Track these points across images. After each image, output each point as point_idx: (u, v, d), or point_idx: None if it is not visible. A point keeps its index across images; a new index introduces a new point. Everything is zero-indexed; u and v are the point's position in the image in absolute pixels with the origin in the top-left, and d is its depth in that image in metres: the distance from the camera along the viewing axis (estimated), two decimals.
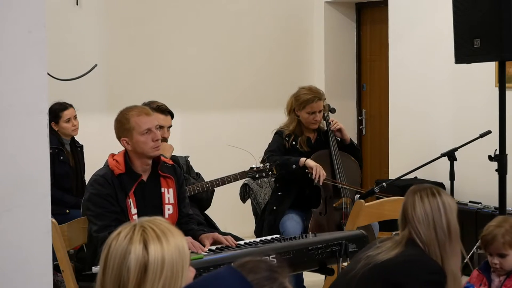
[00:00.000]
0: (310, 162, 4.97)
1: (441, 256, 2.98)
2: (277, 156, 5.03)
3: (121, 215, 3.83)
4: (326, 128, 5.26)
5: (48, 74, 2.71)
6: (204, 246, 3.88)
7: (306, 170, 4.96)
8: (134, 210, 3.89)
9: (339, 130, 5.23)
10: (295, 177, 5.03)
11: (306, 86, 5.30)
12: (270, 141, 5.26)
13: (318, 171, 4.93)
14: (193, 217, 4.21)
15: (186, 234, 3.85)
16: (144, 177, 3.98)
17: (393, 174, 6.86)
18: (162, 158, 4.09)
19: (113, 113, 4.12)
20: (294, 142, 5.16)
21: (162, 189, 4.01)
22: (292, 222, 5.03)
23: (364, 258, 3.06)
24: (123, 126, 3.92)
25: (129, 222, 2.10)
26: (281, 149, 5.13)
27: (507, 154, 4.71)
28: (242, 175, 4.80)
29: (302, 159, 4.99)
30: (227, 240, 3.93)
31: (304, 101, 5.11)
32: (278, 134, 5.22)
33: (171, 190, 4.03)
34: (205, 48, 7.47)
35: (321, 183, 4.97)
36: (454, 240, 3.01)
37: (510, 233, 3.36)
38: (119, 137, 3.96)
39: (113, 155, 4.00)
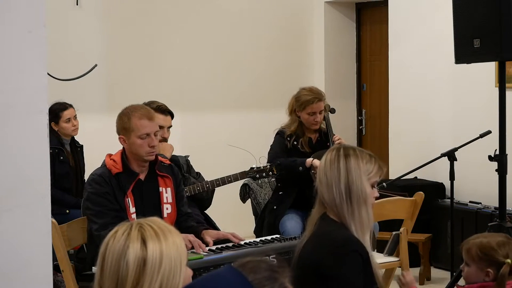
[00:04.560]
0: (317, 162, 4.98)
1: (341, 220, 2.89)
2: (281, 159, 5.03)
3: (121, 213, 3.83)
4: (326, 129, 5.26)
5: (48, 74, 2.71)
6: (206, 243, 3.89)
7: (312, 171, 4.96)
8: (132, 209, 3.89)
9: None
10: (298, 178, 5.03)
11: (307, 87, 5.31)
12: (271, 142, 5.26)
13: None
14: (192, 215, 4.21)
15: (186, 232, 3.86)
16: (142, 176, 3.98)
17: (393, 174, 6.86)
18: (160, 158, 4.10)
19: (113, 113, 4.12)
20: (295, 143, 5.17)
21: (160, 189, 4.01)
22: (292, 222, 5.03)
23: (296, 252, 2.99)
24: (123, 124, 3.93)
25: (126, 220, 2.11)
26: (284, 150, 5.13)
27: (507, 154, 4.71)
28: (242, 175, 4.80)
29: (308, 160, 4.98)
30: (235, 237, 3.94)
31: (305, 102, 5.12)
32: (279, 134, 5.22)
33: (169, 189, 4.03)
34: (205, 48, 7.47)
35: None
36: (355, 203, 2.88)
37: (479, 249, 3.05)
38: (118, 133, 3.97)
39: (110, 155, 4.01)
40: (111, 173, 3.91)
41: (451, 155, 5.20)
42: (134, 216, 3.86)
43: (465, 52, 4.78)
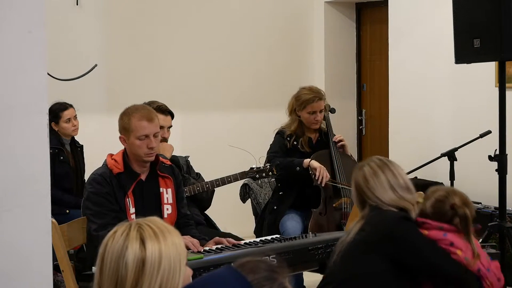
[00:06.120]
0: (314, 163, 4.99)
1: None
2: (280, 158, 5.04)
3: (121, 214, 3.83)
4: (327, 129, 5.27)
5: (48, 74, 2.71)
6: None
7: (310, 172, 4.97)
8: (132, 210, 3.89)
9: (342, 146, 5.25)
10: (298, 178, 5.04)
11: (306, 86, 5.31)
12: (271, 142, 5.26)
13: (321, 172, 4.95)
14: (192, 218, 4.20)
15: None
16: (143, 177, 3.98)
17: None
18: (161, 158, 4.10)
19: (113, 113, 4.12)
20: (295, 142, 5.17)
21: (161, 189, 4.01)
22: (292, 222, 5.03)
23: (338, 246, 3.27)
24: (123, 124, 3.93)
25: (125, 221, 2.10)
26: (283, 149, 5.14)
27: (507, 154, 4.71)
28: (242, 175, 4.80)
29: (306, 161, 5.00)
30: (228, 241, 3.93)
31: (305, 101, 5.12)
32: (279, 134, 5.23)
33: (169, 190, 4.03)
34: (205, 48, 7.47)
35: (323, 185, 4.98)
36: (413, 194, 3.30)
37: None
38: (119, 132, 3.97)
39: (111, 155, 4.01)
40: (112, 173, 3.91)
41: (451, 155, 5.20)
42: (133, 216, 3.86)
43: (465, 52, 4.79)
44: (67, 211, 5.46)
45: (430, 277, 3.19)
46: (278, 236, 4.17)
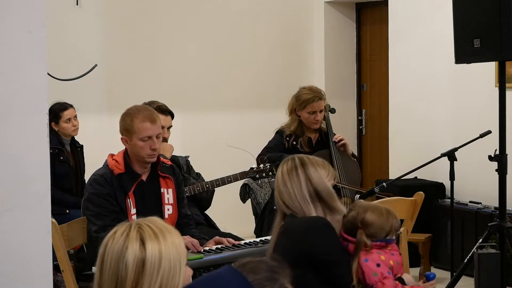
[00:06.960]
0: None
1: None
2: (271, 154, 5.04)
3: (121, 215, 3.82)
4: (327, 129, 5.27)
5: (48, 74, 2.70)
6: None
7: None
8: (133, 210, 3.88)
9: (343, 145, 5.24)
10: None
11: (306, 86, 5.32)
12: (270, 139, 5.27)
13: None
14: (192, 218, 4.20)
15: None
16: (144, 177, 3.97)
17: (393, 174, 6.86)
18: (161, 158, 4.09)
19: (113, 113, 4.12)
20: (294, 142, 5.17)
21: (162, 190, 4.00)
22: None
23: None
24: (125, 125, 3.91)
25: (125, 221, 2.10)
26: (279, 147, 5.13)
27: (507, 154, 4.71)
28: (242, 175, 4.80)
29: None
30: (228, 241, 3.93)
31: (305, 100, 5.12)
32: (279, 133, 5.24)
33: (170, 190, 4.02)
34: (205, 48, 7.47)
35: None
36: (328, 201, 3.09)
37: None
38: (120, 133, 3.96)
39: (112, 155, 4.00)
40: (113, 173, 3.90)
41: (451, 155, 5.20)
42: (134, 217, 3.85)
43: (465, 52, 4.79)
44: (67, 211, 5.46)
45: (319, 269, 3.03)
46: None
